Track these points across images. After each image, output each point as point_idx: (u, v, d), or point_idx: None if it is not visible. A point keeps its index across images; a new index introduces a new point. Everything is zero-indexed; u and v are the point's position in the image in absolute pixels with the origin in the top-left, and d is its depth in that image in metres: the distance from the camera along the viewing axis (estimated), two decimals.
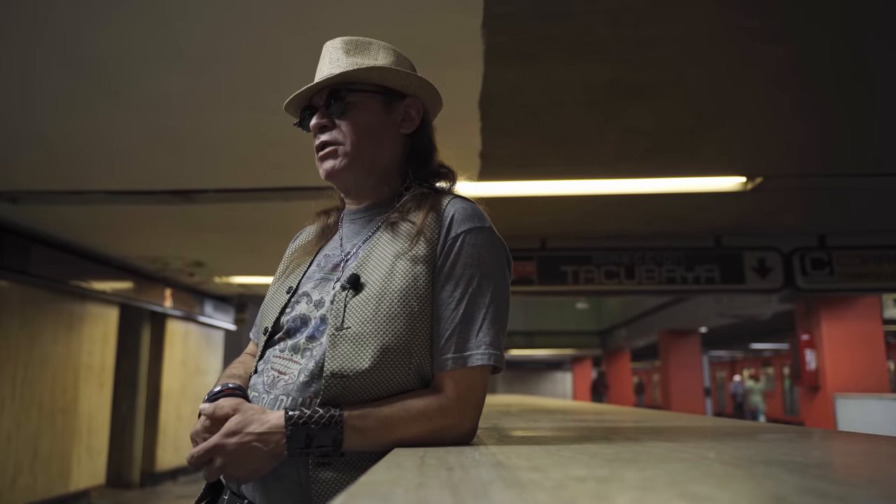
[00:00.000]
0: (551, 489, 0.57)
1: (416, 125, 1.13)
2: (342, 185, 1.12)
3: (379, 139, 1.10)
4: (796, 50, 2.75)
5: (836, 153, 4.01)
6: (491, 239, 1.03)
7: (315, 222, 1.20)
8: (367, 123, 1.08)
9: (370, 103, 1.09)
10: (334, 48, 1.11)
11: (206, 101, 3.13)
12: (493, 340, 0.97)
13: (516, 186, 4.46)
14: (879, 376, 7.25)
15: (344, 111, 1.08)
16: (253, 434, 0.89)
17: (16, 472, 5.87)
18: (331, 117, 1.08)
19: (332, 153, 1.08)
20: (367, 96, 1.09)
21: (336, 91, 1.08)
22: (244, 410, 0.92)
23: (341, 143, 1.07)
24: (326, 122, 1.08)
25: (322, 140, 1.08)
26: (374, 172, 1.10)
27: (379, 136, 1.10)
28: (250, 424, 0.90)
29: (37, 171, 4.14)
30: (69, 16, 2.40)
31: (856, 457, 0.96)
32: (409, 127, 1.13)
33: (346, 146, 1.07)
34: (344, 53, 1.10)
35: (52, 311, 6.45)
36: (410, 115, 1.12)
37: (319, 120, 1.08)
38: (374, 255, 1.02)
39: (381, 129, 1.10)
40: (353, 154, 1.07)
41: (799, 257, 5.86)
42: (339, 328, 0.96)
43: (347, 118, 1.08)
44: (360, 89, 1.08)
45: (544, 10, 2.43)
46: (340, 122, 1.08)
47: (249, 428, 0.89)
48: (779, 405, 19.27)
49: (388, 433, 0.92)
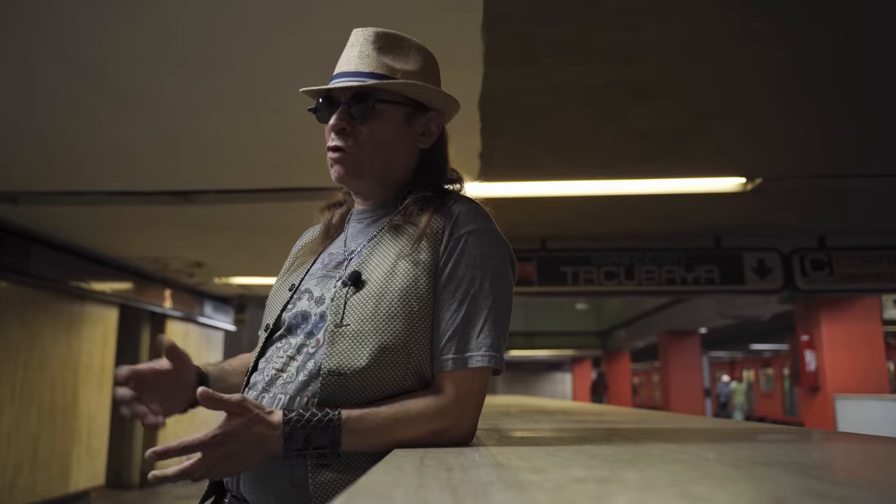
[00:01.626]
0: (551, 490, 0.57)
1: (434, 140, 1.11)
2: (351, 189, 1.12)
3: (394, 152, 1.07)
4: (796, 50, 2.75)
5: (836, 153, 4.01)
6: (495, 240, 1.02)
7: (320, 220, 1.19)
8: (386, 134, 1.05)
9: (394, 114, 1.06)
10: (366, 40, 1.07)
11: (205, 101, 3.13)
12: (493, 342, 0.97)
13: (516, 187, 4.46)
14: (879, 377, 7.25)
15: (367, 118, 1.04)
16: (250, 435, 0.88)
17: (15, 473, 5.86)
18: (350, 120, 1.04)
19: (341, 160, 1.05)
20: (392, 107, 1.05)
21: (364, 95, 1.04)
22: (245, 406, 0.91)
23: (353, 153, 1.04)
24: (345, 126, 1.04)
25: (335, 144, 1.05)
26: (384, 182, 1.09)
27: (395, 148, 1.07)
28: (251, 424, 0.89)
29: (36, 172, 4.14)
30: (69, 16, 2.40)
31: (856, 458, 0.96)
32: (426, 142, 1.11)
33: (359, 155, 1.04)
34: (375, 50, 1.06)
35: (52, 312, 6.45)
36: (430, 130, 1.10)
37: (339, 122, 1.04)
38: (377, 254, 1.02)
39: (398, 142, 1.07)
40: (366, 164, 1.05)
41: (798, 258, 5.86)
42: (338, 325, 0.96)
43: (368, 126, 1.04)
44: (387, 99, 1.05)
45: (544, 11, 2.43)
46: (360, 127, 1.04)
47: (250, 427, 0.89)
48: (778, 406, 19.44)
49: (387, 435, 0.91)
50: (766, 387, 21.28)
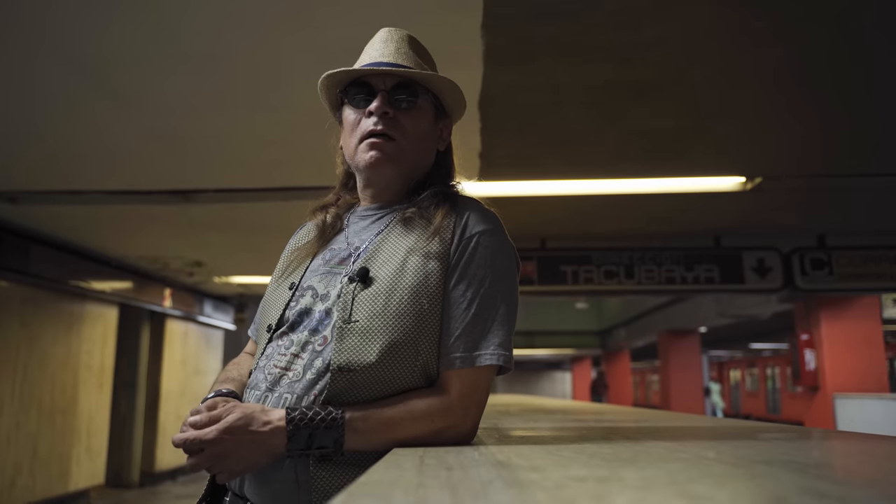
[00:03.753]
0: (551, 489, 0.57)
1: (447, 145, 1.17)
2: (377, 178, 1.10)
3: (425, 148, 1.11)
4: (796, 50, 2.75)
5: (836, 153, 4.01)
6: (504, 242, 1.05)
7: (312, 220, 1.19)
8: (423, 129, 1.09)
9: (429, 111, 1.10)
10: (401, 39, 1.11)
11: (205, 100, 3.13)
12: (502, 341, 0.98)
13: (516, 186, 4.46)
14: (879, 376, 7.26)
15: (410, 109, 1.07)
16: (253, 433, 0.89)
17: (15, 473, 5.86)
18: (393, 107, 1.06)
19: (385, 146, 1.05)
20: (429, 102, 1.10)
21: (409, 85, 1.07)
22: (244, 408, 0.92)
23: (398, 140, 1.06)
24: (389, 111, 1.05)
25: (381, 129, 1.05)
26: (409, 176, 1.10)
27: (426, 145, 1.11)
28: (251, 423, 0.89)
29: (36, 171, 4.14)
30: (69, 16, 2.40)
31: (855, 457, 0.96)
32: (442, 145, 1.16)
33: (402, 143, 1.06)
34: (411, 49, 1.10)
35: (52, 312, 6.45)
36: (444, 136, 1.16)
37: (384, 106, 1.05)
38: (385, 249, 1.02)
39: (428, 140, 1.12)
40: (406, 154, 1.07)
41: (798, 257, 5.86)
42: (346, 321, 0.95)
43: (410, 116, 1.07)
44: (427, 93, 1.09)
45: (544, 11, 2.43)
46: (401, 116, 1.06)
47: (251, 426, 0.89)
48: (762, 404, 20.04)
49: (390, 434, 0.92)
50: (752, 386, 21.77)
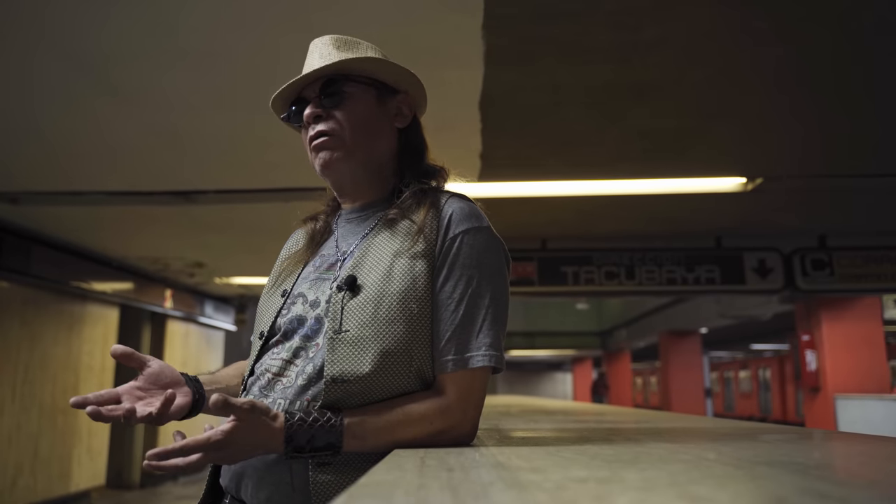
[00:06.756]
0: (551, 490, 0.57)
1: (409, 121, 1.13)
2: (337, 179, 1.10)
3: (374, 131, 1.08)
4: (797, 50, 2.75)
5: (836, 153, 4.01)
6: (489, 239, 1.02)
7: (302, 227, 1.18)
8: (362, 114, 1.07)
9: (365, 96, 1.08)
10: (324, 44, 1.09)
11: (205, 99, 3.13)
12: (493, 341, 0.97)
13: (516, 187, 4.46)
14: (880, 377, 7.24)
15: (340, 102, 1.06)
16: (251, 440, 0.87)
17: (16, 473, 5.87)
18: (325, 108, 1.06)
19: (327, 143, 1.05)
20: (362, 88, 1.07)
21: (331, 82, 1.06)
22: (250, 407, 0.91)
23: (337, 134, 1.05)
24: (321, 112, 1.06)
25: (318, 130, 1.05)
26: (369, 166, 1.08)
27: (374, 128, 1.08)
28: (255, 432, 0.88)
29: (37, 172, 4.14)
30: (68, 11, 2.40)
31: (856, 458, 0.96)
32: (402, 122, 1.12)
33: (342, 136, 1.05)
34: (335, 49, 1.08)
35: (53, 312, 6.46)
36: (402, 112, 1.12)
37: (314, 109, 1.05)
38: (372, 254, 1.01)
39: (376, 122, 1.09)
40: (350, 144, 1.05)
41: (799, 258, 5.86)
42: (337, 331, 0.95)
43: (343, 109, 1.06)
44: (355, 80, 1.07)
45: (544, 12, 2.43)
46: (336, 113, 1.06)
47: (257, 435, 0.88)
48: (755, 405, 20.28)
49: (388, 437, 0.91)
50: (745, 387, 22.04)
